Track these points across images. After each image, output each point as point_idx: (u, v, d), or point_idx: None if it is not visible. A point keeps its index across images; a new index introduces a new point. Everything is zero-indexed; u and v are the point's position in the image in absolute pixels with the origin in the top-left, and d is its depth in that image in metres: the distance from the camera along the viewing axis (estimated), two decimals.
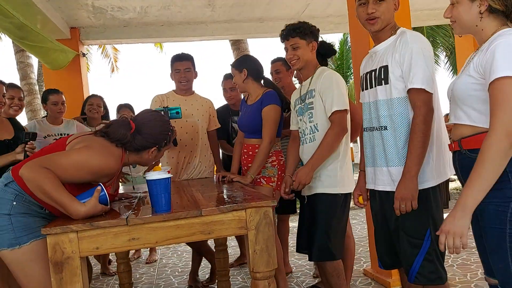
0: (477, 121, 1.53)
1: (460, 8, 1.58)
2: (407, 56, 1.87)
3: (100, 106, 4.06)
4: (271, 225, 1.76)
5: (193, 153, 3.23)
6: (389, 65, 1.93)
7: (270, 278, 1.76)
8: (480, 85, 1.49)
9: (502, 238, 1.45)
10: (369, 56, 2.11)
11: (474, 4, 1.54)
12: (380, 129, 1.99)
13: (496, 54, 1.41)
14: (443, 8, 1.71)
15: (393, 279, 3.20)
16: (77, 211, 1.66)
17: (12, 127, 2.92)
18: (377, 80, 1.98)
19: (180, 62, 3.21)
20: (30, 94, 9.28)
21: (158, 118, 2.04)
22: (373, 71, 2.02)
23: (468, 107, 1.55)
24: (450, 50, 13.21)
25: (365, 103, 2.10)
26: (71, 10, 4.72)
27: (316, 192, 2.46)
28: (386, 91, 1.95)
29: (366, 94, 2.08)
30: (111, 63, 15.24)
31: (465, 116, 1.57)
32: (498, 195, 1.46)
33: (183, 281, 3.82)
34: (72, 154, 1.81)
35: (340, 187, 2.43)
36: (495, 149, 1.37)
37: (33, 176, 1.65)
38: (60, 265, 1.58)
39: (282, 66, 3.52)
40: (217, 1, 4.83)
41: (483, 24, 1.55)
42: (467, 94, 1.54)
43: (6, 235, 1.78)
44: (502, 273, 1.49)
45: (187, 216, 1.68)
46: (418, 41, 1.89)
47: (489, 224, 1.50)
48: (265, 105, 2.74)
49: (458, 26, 1.63)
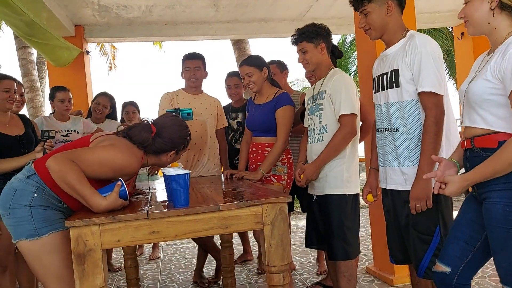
0: (494, 125, 1.56)
1: (472, 5, 1.61)
2: (416, 59, 1.93)
3: (107, 107, 4.10)
4: (286, 220, 1.81)
5: (202, 151, 3.28)
6: (399, 69, 1.99)
7: (285, 272, 1.81)
8: (498, 89, 1.52)
9: (509, 238, 1.49)
10: (380, 58, 2.17)
11: (485, 1, 1.57)
12: (392, 131, 2.05)
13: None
14: (444, 12, 1.77)
15: (396, 277, 3.26)
16: (98, 204, 1.72)
17: (22, 123, 2.96)
18: (389, 83, 2.04)
19: (190, 61, 3.27)
20: (32, 91, 9.28)
21: (178, 123, 2.11)
22: (384, 74, 2.08)
23: (484, 111, 1.57)
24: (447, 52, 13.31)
25: (377, 105, 2.17)
26: (76, 8, 4.74)
27: (325, 193, 2.51)
28: (397, 94, 2.01)
29: (378, 96, 2.14)
30: (109, 60, 15.22)
31: (481, 120, 1.59)
32: (507, 195, 1.50)
33: (187, 278, 3.87)
34: (98, 151, 1.87)
35: (347, 188, 2.48)
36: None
37: (60, 167, 1.71)
38: (82, 257, 1.62)
39: (276, 68, 3.60)
40: (222, 1, 4.87)
41: (495, 22, 1.57)
42: (483, 98, 1.56)
43: (26, 226, 1.82)
44: (505, 271, 1.54)
45: (206, 211, 1.73)
46: (427, 45, 1.95)
47: (496, 223, 1.53)
48: (280, 105, 2.80)
49: (471, 26, 1.65)
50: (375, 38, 2.14)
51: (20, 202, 1.83)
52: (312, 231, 2.62)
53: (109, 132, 2.18)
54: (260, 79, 2.90)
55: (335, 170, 2.48)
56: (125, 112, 4.48)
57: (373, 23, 2.07)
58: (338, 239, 2.44)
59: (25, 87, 9.42)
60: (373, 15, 2.06)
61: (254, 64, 2.89)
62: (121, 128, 2.07)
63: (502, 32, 1.57)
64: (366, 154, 3.56)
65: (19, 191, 1.85)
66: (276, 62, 3.67)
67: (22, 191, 1.85)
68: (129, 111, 4.48)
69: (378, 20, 2.06)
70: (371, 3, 2.06)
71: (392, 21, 2.06)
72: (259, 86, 2.92)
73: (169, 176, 1.76)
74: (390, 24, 2.06)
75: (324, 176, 2.50)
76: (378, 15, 2.05)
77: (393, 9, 2.04)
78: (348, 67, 17.61)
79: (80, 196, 1.72)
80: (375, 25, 2.08)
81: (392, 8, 2.04)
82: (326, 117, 2.50)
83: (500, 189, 1.52)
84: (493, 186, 1.54)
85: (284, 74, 3.71)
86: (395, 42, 2.06)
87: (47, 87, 5.20)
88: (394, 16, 2.06)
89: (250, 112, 3.02)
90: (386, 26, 2.07)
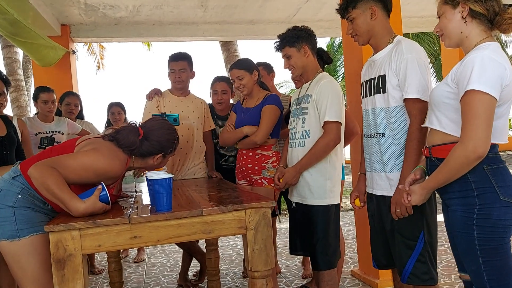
0: (447, 128, 1.62)
1: (445, 18, 1.66)
2: (402, 66, 1.94)
3: (77, 106, 4.05)
4: (269, 225, 1.81)
5: (188, 155, 3.24)
6: (386, 75, 2.00)
7: (268, 277, 1.81)
8: (454, 94, 1.58)
9: (471, 243, 1.55)
10: (368, 64, 2.18)
11: (457, 11, 1.61)
12: (378, 136, 2.06)
13: (469, 67, 1.48)
14: (430, 16, 1.81)
15: (381, 280, 3.27)
16: (76, 207, 1.70)
17: (4, 124, 2.90)
18: (376, 88, 2.05)
19: (175, 62, 3.20)
20: (17, 90, 9.14)
21: (166, 127, 2.10)
22: (372, 79, 2.09)
23: (441, 113, 1.64)
24: (434, 56, 13.47)
25: (364, 110, 2.18)
26: (63, 7, 4.69)
27: (307, 203, 2.47)
28: (384, 100, 2.02)
29: (366, 101, 2.15)
30: (97, 60, 15.08)
31: (436, 122, 1.66)
32: (463, 203, 1.58)
33: (172, 281, 3.84)
34: (80, 156, 1.87)
35: (330, 199, 2.45)
36: (461, 161, 1.50)
37: (40, 174, 1.71)
38: (62, 262, 1.60)
39: (263, 70, 3.58)
40: (210, 2, 4.86)
41: (467, 30, 1.61)
42: (441, 101, 1.63)
43: (8, 226, 1.81)
44: (475, 275, 1.59)
45: (189, 216, 1.71)
46: (413, 51, 1.96)
47: (458, 229, 1.60)
48: (267, 104, 2.82)
49: (446, 37, 1.69)
50: (363, 44, 2.15)
51: (4, 202, 1.83)
52: (296, 238, 2.60)
53: (96, 135, 2.15)
54: (250, 82, 2.89)
55: (318, 180, 2.44)
56: (111, 113, 4.45)
57: (359, 29, 2.09)
58: (321, 250, 2.42)
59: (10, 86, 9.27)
60: (358, 21, 2.07)
61: (244, 68, 2.88)
62: (109, 132, 2.05)
63: (472, 40, 1.61)
64: (352, 157, 3.58)
65: (3, 191, 1.85)
66: (262, 64, 3.64)
67: (7, 192, 1.85)
68: (114, 111, 4.44)
69: (363, 25, 2.07)
70: (355, 9, 2.07)
71: (377, 25, 2.07)
72: (249, 89, 2.91)
73: (151, 180, 1.75)
74: (376, 28, 2.07)
75: (306, 184, 2.46)
76: (363, 20, 2.06)
77: (378, 13, 2.05)
78: (336, 69, 17.73)
79: (59, 200, 1.71)
80: (360, 31, 2.09)
81: (377, 12, 2.05)
82: (310, 122, 2.47)
83: (457, 196, 1.60)
84: (450, 194, 1.63)
85: (272, 76, 3.70)
86: (382, 47, 2.07)
87: (33, 87, 5.13)
88: (379, 20, 2.06)
89: (239, 115, 3.01)
90: (372, 31, 2.08)
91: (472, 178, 1.55)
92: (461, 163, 1.51)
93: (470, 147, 1.47)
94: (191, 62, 3.28)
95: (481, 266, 1.55)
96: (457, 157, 1.51)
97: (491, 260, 1.53)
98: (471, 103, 1.47)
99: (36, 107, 3.70)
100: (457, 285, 3.24)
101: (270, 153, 2.90)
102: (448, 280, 3.36)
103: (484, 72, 1.46)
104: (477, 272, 1.56)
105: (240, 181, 3.03)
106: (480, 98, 1.45)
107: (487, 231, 1.52)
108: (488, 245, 1.53)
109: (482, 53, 1.50)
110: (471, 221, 1.55)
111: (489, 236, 1.52)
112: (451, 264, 3.74)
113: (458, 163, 1.52)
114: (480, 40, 1.59)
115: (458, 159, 1.51)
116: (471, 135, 1.47)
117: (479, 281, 1.57)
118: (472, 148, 1.47)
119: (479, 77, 1.46)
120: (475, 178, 1.54)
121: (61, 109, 4.03)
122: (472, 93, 1.46)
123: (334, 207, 2.48)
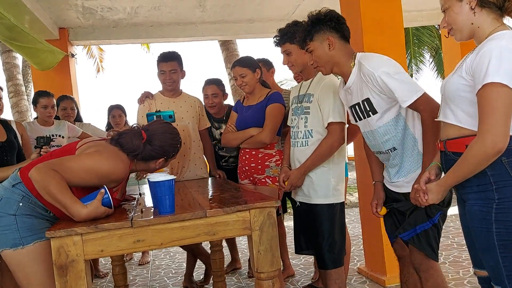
0: (463, 122, 1.57)
1: (451, 11, 1.59)
2: (380, 83, 1.94)
3: (74, 109, 4.02)
4: (275, 225, 1.78)
5: (186, 157, 3.19)
6: (370, 97, 2.00)
7: (274, 278, 1.78)
8: (470, 87, 1.52)
9: (490, 238, 1.51)
10: (345, 91, 2.16)
11: (464, 2, 1.55)
12: (389, 152, 2.08)
13: (485, 58, 1.42)
14: (430, 10, 1.75)
15: (388, 277, 3.24)
16: (78, 212, 1.67)
17: (4, 129, 2.88)
18: (365, 112, 2.06)
19: (165, 63, 3.13)
20: (17, 95, 9.13)
21: (170, 131, 2.07)
22: (357, 104, 2.09)
23: (456, 107, 1.59)
24: (435, 50, 13.38)
25: (363, 132, 2.18)
26: (60, 10, 4.66)
27: (312, 202, 2.45)
28: (378, 119, 2.03)
29: (361, 124, 2.15)
30: (96, 63, 15.06)
31: (452, 116, 1.60)
32: (481, 197, 1.53)
33: (177, 283, 3.81)
34: (83, 158, 1.84)
35: (334, 197, 2.43)
36: (480, 157, 1.45)
37: (41, 177, 1.68)
38: (64, 269, 1.57)
39: (263, 66, 3.52)
40: (208, 2, 4.82)
41: (478, 20, 1.55)
42: (456, 94, 1.57)
43: (10, 235, 1.79)
44: (493, 270, 1.54)
45: (192, 218, 1.68)
46: (378, 66, 1.95)
47: (476, 224, 1.56)
48: (271, 103, 2.80)
49: (457, 32, 1.62)
50: (327, 73, 2.18)
51: (5, 210, 1.81)
52: (300, 237, 2.57)
53: (97, 138, 2.13)
54: (253, 80, 2.87)
55: (322, 179, 2.42)
56: (112, 115, 4.42)
57: (319, 60, 2.10)
58: (327, 249, 2.40)
59: (10, 91, 9.25)
60: (317, 52, 2.09)
61: (247, 65, 2.86)
62: (111, 135, 2.02)
63: (485, 29, 1.55)
64: (355, 153, 3.54)
65: (4, 199, 1.83)
66: (262, 61, 3.56)
67: (8, 200, 1.83)
68: (115, 114, 4.42)
69: (323, 57, 2.08)
70: (312, 41, 2.08)
71: (336, 54, 2.07)
72: (251, 87, 2.88)
73: (153, 182, 1.72)
74: (335, 58, 2.08)
75: (311, 183, 2.44)
76: (322, 51, 2.07)
77: (335, 43, 2.05)
78: None
79: (61, 205, 1.68)
80: (321, 62, 2.10)
81: (334, 43, 2.05)
82: (312, 122, 2.43)
83: (474, 191, 1.56)
84: (467, 188, 1.58)
85: (271, 73, 3.64)
86: (349, 73, 2.07)
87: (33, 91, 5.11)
88: (338, 49, 2.07)
89: (240, 114, 2.97)
90: (332, 60, 2.09)
91: (490, 171, 1.49)
92: (480, 159, 1.45)
93: (488, 142, 1.41)
94: (181, 61, 3.22)
95: (499, 262, 1.50)
96: (476, 152, 1.46)
97: (510, 255, 1.48)
98: (489, 96, 1.41)
99: (35, 111, 3.68)
100: (465, 280, 3.21)
101: (273, 151, 2.87)
102: (457, 276, 3.33)
103: (502, 64, 1.40)
104: (496, 268, 1.52)
105: (243, 181, 2.99)
106: (498, 90, 1.40)
107: (507, 226, 1.47)
108: (507, 240, 1.48)
109: (498, 43, 1.44)
110: (490, 215, 1.49)
111: (509, 231, 1.47)
112: (458, 259, 3.71)
113: (476, 159, 1.46)
114: (493, 29, 1.53)
115: (477, 155, 1.45)
116: (489, 130, 1.41)
117: (498, 277, 1.52)
118: (491, 144, 1.41)
119: (497, 69, 1.40)
120: (493, 171, 1.49)
121: (58, 114, 3.99)
122: (490, 86, 1.41)
123: (339, 205, 2.45)
